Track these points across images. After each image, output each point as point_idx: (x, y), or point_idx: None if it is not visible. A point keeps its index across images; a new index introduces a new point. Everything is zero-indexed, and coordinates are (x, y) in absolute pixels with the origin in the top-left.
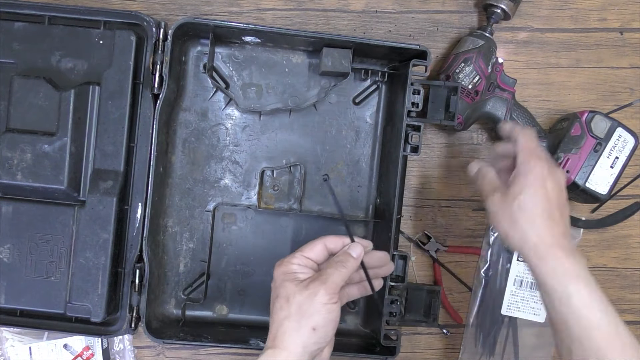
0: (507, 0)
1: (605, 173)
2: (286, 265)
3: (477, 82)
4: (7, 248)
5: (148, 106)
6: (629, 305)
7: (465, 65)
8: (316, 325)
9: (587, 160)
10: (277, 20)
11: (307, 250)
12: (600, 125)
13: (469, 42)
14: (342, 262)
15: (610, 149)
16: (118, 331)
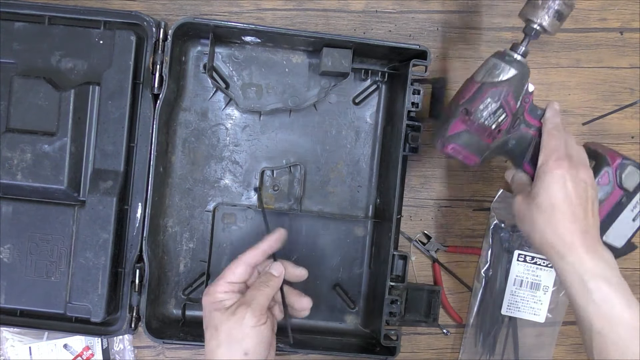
0: (550, 18)
1: (626, 227)
2: (212, 294)
3: (502, 121)
4: (7, 248)
5: (148, 106)
6: None
7: (491, 101)
8: (247, 350)
9: (608, 215)
10: (277, 20)
11: (228, 275)
12: (632, 178)
13: (499, 68)
14: (264, 283)
15: (636, 203)
16: (118, 331)
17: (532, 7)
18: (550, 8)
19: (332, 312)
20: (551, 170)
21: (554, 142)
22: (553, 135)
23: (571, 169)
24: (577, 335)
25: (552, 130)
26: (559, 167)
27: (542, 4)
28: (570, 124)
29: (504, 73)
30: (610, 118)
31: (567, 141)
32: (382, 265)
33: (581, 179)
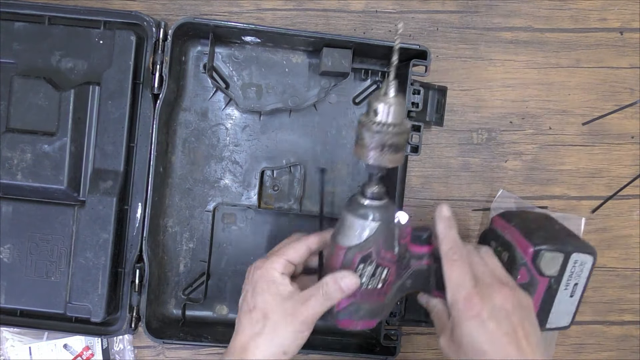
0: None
1: (566, 305)
2: (267, 270)
3: (387, 276)
4: (7, 248)
5: (148, 106)
6: (629, 305)
7: (365, 265)
8: (287, 350)
9: (542, 305)
10: (277, 20)
11: (290, 252)
12: (552, 264)
13: (357, 228)
14: (328, 295)
15: (567, 280)
16: (118, 331)
17: (360, 148)
18: (378, 145)
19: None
20: (465, 314)
21: (456, 273)
22: (453, 262)
23: (485, 304)
24: (577, 335)
25: (450, 255)
26: (471, 308)
27: (369, 143)
28: (570, 124)
29: (365, 230)
30: (610, 118)
31: (471, 261)
32: None
33: (500, 308)
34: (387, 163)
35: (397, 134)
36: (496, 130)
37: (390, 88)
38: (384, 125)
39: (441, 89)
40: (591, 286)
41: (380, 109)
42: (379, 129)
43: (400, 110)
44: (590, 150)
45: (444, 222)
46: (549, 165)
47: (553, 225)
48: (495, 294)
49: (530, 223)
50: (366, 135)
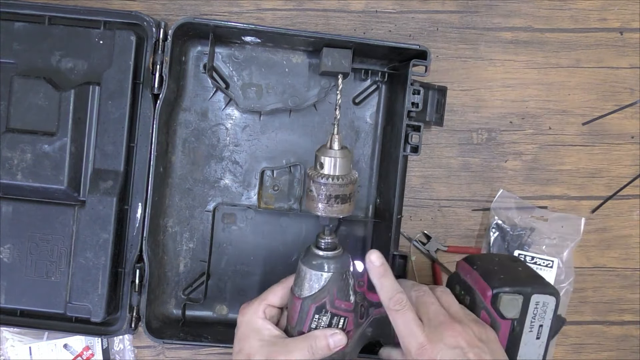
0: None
1: (533, 348)
2: (251, 316)
3: (344, 325)
4: (7, 248)
5: (148, 106)
6: (629, 305)
7: (320, 315)
8: None
9: (507, 348)
10: (277, 20)
11: (270, 297)
12: (511, 306)
13: (312, 279)
14: (315, 350)
15: (531, 322)
16: (118, 331)
17: (309, 201)
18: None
19: None
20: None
21: (401, 324)
22: (396, 313)
23: (437, 348)
24: (577, 335)
25: (391, 306)
26: (424, 353)
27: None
28: (570, 124)
29: (319, 281)
30: (610, 118)
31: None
32: None
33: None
34: (335, 214)
35: (343, 185)
36: (496, 130)
37: (335, 142)
38: (330, 177)
39: (441, 89)
40: (591, 286)
41: (326, 162)
42: (326, 182)
43: (346, 163)
44: (590, 150)
45: (376, 272)
46: (549, 165)
47: (516, 267)
48: (446, 333)
49: (493, 266)
50: (314, 188)
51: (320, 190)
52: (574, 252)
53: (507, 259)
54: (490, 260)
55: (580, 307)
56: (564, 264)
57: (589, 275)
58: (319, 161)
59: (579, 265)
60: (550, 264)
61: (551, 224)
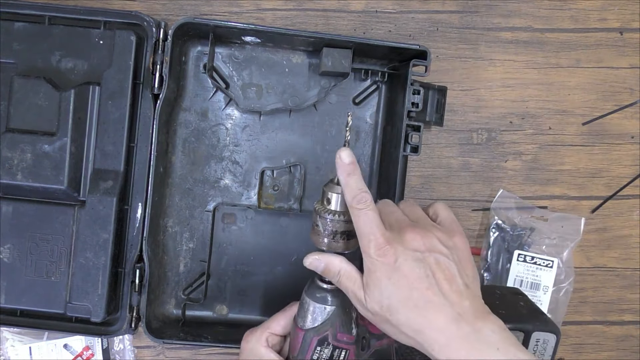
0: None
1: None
2: (254, 344)
3: (346, 357)
4: (7, 248)
5: (148, 106)
6: (628, 305)
7: (321, 348)
8: None
9: None
10: (277, 20)
11: (273, 325)
12: None
13: (315, 312)
14: None
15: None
16: (118, 331)
17: (314, 235)
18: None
19: None
20: (377, 261)
21: (362, 222)
22: (359, 212)
23: (395, 248)
24: (577, 335)
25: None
26: (384, 253)
27: (323, 231)
28: (570, 124)
29: (322, 314)
30: (610, 118)
31: (384, 211)
32: None
33: (412, 250)
34: (340, 249)
35: (349, 221)
36: (496, 130)
37: None
38: (337, 214)
39: (441, 89)
40: (591, 286)
41: (333, 198)
42: (332, 218)
43: None
44: (590, 150)
45: (344, 170)
46: (549, 165)
47: (518, 301)
48: (406, 237)
49: (494, 300)
50: (320, 223)
51: (327, 225)
52: (574, 252)
53: (510, 293)
54: (492, 293)
55: (580, 307)
56: (564, 264)
57: (589, 275)
58: (326, 197)
59: (579, 265)
60: (550, 264)
61: (551, 224)
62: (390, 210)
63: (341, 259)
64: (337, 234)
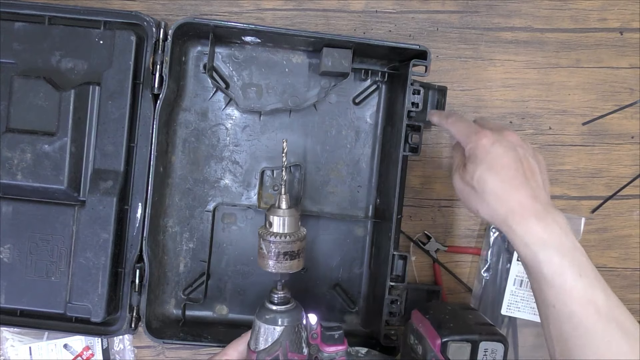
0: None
1: None
2: None
3: None
4: (7, 248)
5: (148, 106)
6: (629, 305)
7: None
8: None
9: None
10: (277, 20)
11: (229, 351)
12: (459, 353)
13: (265, 332)
14: None
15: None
16: (118, 331)
17: (260, 258)
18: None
19: (332, 312)
20: (476, 146)
21: (461, 126)
22: (454, 122)
23: (495, 136)
24: None
25: (447, 120)
26: (483, 136)
27: (267, 253)
28: (570, 124)
29: (272, 334)
30: (610, 118)
31: (476, 120)
32: (382, 265)
33: (508, 145)
34: (285, 269)
35: (291, 242)
36: None
37: (282, 202)
38: (279, 235)
39: (441, 89)
40: None
41: (274, 221)
42: (275, 240)
43: (293, 221)
44: (590, 150)
45: (436, 116)
46: (549, 165)
47: (467, 315)
48: (505, 132)
49: (444, 315)
50: (264, 246)
51: (270, 247)
52: None
53: (460, 308)
54: (442, 309)
55: None
56: None
57: None
58: (268, 220)
59: None
60: None
61: None
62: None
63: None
64: (280, 254)
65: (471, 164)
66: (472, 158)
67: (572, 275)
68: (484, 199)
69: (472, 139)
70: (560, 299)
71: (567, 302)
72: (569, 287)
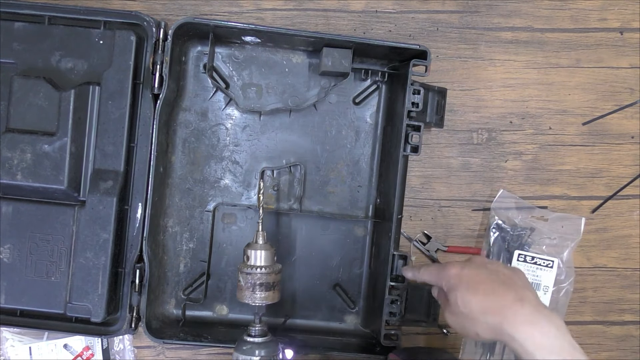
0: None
1: None
2: None
3: None
4: (7, 248)
5: (148, 106)
6: (629, 305)
7: None
8: None
9: None
10: (277, 20)
11: None
12: None
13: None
14: None
15: None
16: (118, 331)
17: (238, 290)
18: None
19: (332, 312)
20: (448, 275)
21: (431, 269)
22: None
23: (462, 262)
24: (578, 335)
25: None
26: (451, 267)
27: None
28: (570, 124)
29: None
30: (610, 118)
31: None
32: (382, 265)
33: (478, 264)
34: (261, 301)
35: (266, 274)
36: (496, 130)
37: (259, 237)
38: (255, 267)
39: (441, 91)
40: (591, 286)
41: (251, 255)
42: (250, 272)
43: (269, 255)
44: (590, 150)
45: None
46: (549, 165)
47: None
48: (473, 258)
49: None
50: (242, 279)
51: (247, 279)
52: (574, 252)
53: (437, 351)
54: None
55: (580, 307)
56: (564, 264)
57: (589, 275)
58: (246, 254)
59: (579, 265)
60: (551, 264)
61: (551, 224)
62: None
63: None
64: (256, 285)
65: (451, 294)
66: (450, 290)
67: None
68: (476, 319)
69: (443, 275)
70: None
71: None
72: None
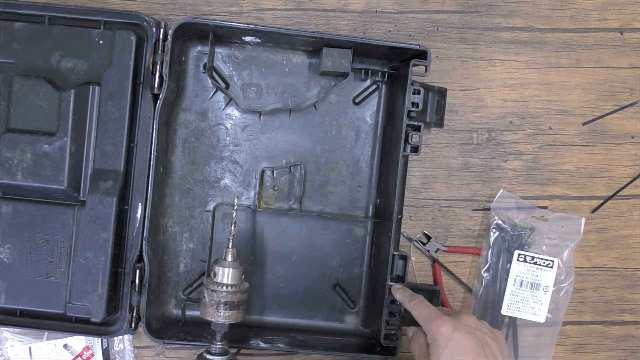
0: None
1: None
2: None
3: None
4: (7, 248)
5: (148, 106)
6: (629, 305)
7: None
8: None
9: None
10: (277, 20)
11: None
12: None
13: None
14: None
15: None
16: (118, 331)
17: (202, 307)
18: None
19: (332, 312)
20: (438, 330)
21: (420, 309)
22: (415, 305)
23: (453, 321)
24: (578, 335)
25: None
26: (443, 323)
27: (208, 301)
28: (570, 124)
29: None
30: (610, 118)
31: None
32: (382, 265)
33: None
34: (224, 319)
35: (231, 293)
36: (496, 130)
37: (228, 254)
38: (221, 285)
39: (441, 91)
40: (591, 286)
41: (219, 272)
42: (216, 289)
43: (237, 273)
44: (590, 150)
45: (398, 292)
46: (549, 165)
47: None
48: (462, 315)
49: None
50: (206, 295)
51: (212, 297)
52: (574, 252)
53: None
54: None
55: (580, 307)
56: (564, 264)
57: (589, 275)
58: (213, 270)
59: (579, 265)
60: (551, 264)
61: (551, 224)
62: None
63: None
64: (220, 304)
65: (434, 351)
66: (434, 346)
67: None
68: None
69: (433, 326)
70: None
71: None
72: None
